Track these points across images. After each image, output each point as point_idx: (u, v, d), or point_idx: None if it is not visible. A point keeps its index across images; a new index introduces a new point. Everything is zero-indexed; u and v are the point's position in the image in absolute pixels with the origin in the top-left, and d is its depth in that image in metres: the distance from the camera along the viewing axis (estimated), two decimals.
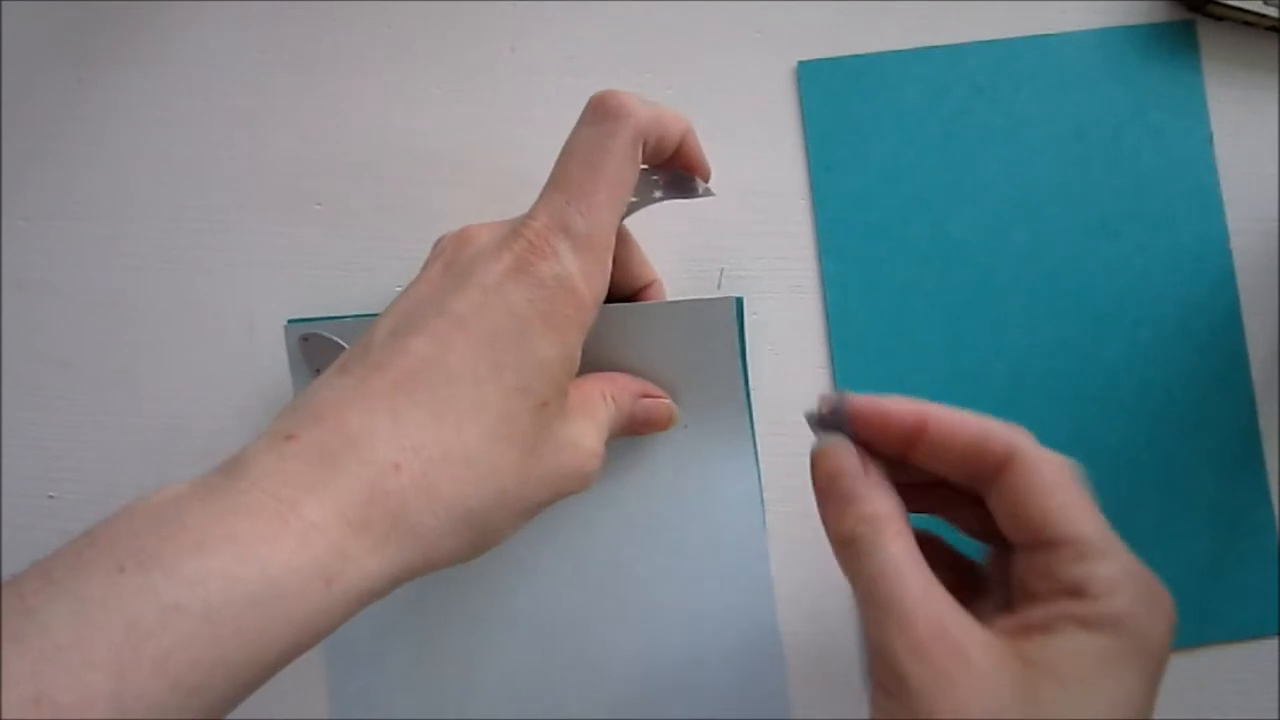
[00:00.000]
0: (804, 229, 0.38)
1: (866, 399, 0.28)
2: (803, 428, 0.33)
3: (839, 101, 0.39)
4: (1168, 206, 0.39)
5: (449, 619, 0.36)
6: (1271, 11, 0.38)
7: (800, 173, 0.39)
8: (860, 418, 0.28)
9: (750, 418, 0.36)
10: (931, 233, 0.38)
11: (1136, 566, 0.26)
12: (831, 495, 0.28)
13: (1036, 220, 0.38)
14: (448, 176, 0.38)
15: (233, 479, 0.24)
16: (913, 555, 0.27)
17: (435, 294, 0.28)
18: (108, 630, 0.21)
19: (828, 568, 0.30)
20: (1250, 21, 0.39)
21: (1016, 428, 0.28)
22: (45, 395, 0.37)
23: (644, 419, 0.34)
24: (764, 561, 0.36)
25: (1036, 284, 0.38)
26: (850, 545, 0.27)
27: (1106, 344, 0.38)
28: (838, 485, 0.28)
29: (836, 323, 0.38)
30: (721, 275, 0.38)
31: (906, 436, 0.28)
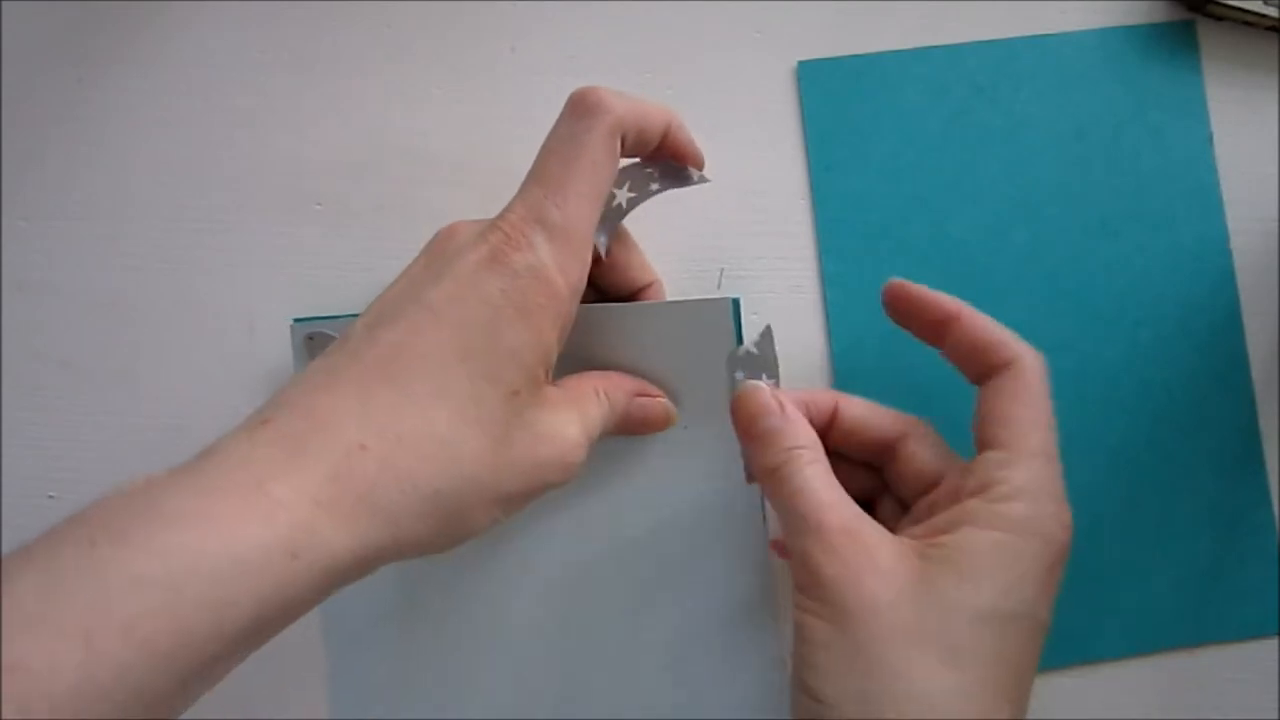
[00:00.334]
0: (804, 229, 0.38)
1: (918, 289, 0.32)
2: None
3: (839, 101, 0.39)
4: (1168, 206, 0.39)
5: (449, 619, 0.36)
6: (1271, 11, 0.38)
7: (800, 173, 0.39)
8: (911, 298, 0.32)
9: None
10: (931, 233, 0.38)
11: (1051, 480, 0.29)
12: (754, 434, 0.31)
13: (1036, 220, 0.38)
14: (448, 176, 0.38)
15: (206, 462, 0.25)
16: (826, 477, 0.30)
17: (413, 286, 0.28)
18: (76, 600, 0.21)
19: None
20: (1250, 21, 0.39)
21: (1026, 345, 0.32)
22: (45, 395, 0.37)
23: (640, 418, 0.34)
24: (764, 562, 0.36)
25: (1036, 284, 0.38)
26: (773, 475, 0.30)
27: (1106, 344, 0.38)
28: (758, 424, 0.31)
29: (836, 323, 0.38)
30: (721, 275, 0.38)
31: (944, 320, 0.31)
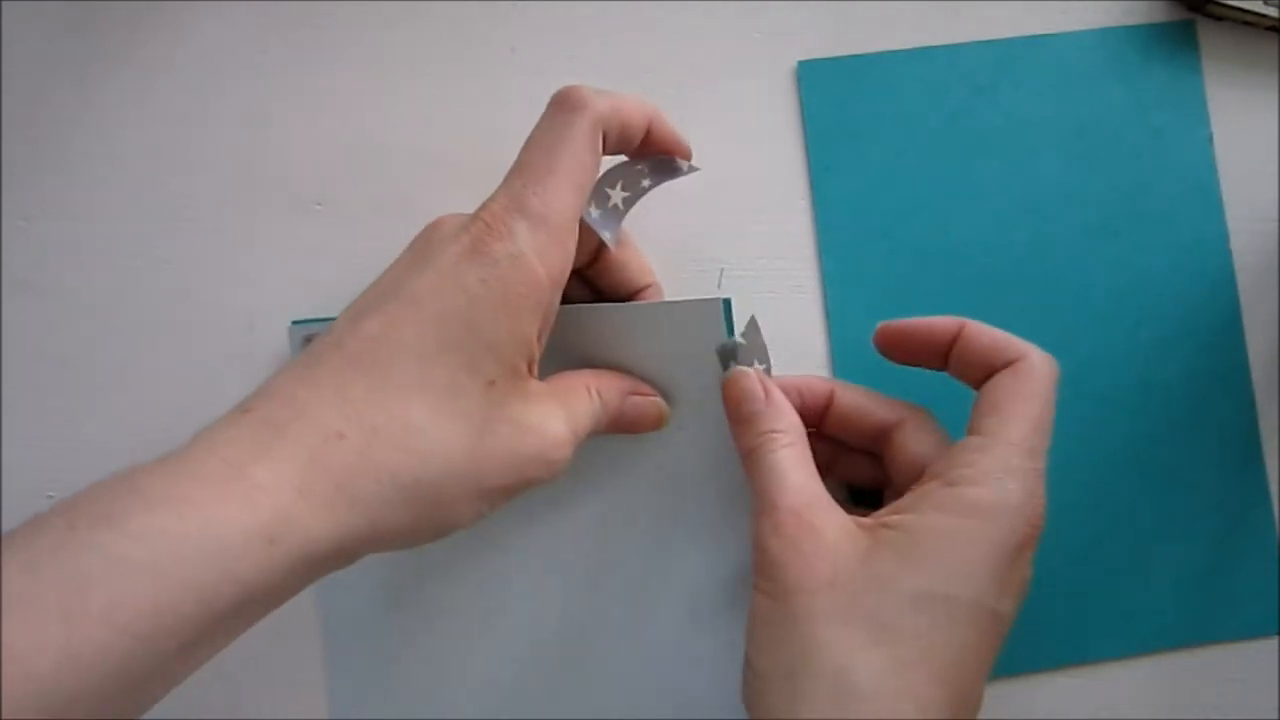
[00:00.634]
0: (804, 229, 0.38)
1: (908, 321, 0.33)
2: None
3: (839, 101, 0.39)
4: (1168, 206, 0.39)
5: (447, 619, 0.36)
6: (1271, 11, 0.38)
7: (800, 173, 0.39)
8: (889, 337, 0.34)
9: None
10: (931, 233, 0.38)
11: (1018, 469, 0.29)
12: (738, 416, 0.32)
13: (1037, 220, 0.39)
14: (448, 176, 0.38)
15: (188, 449, 0.25)
16: (796, 460, 0.31)
17: (396, 278, 0.29)
18: (56, 581, 0.22)
19: None
20: (1250, 21, 0.39)
21: (1037, 348, 0.31)
22: (45, 395, 0.37)
23: (633, 417, 0.33)
24: None
25: (1037, 284, 0.38)
26: (749, 456, 0.31)
27: (1106, 344, 0.38)
28: (742, 408, 0.32)
29: (836, 323, 0.38)
30: (721, 275, 0.38)
31: (948, 339, 0.32)
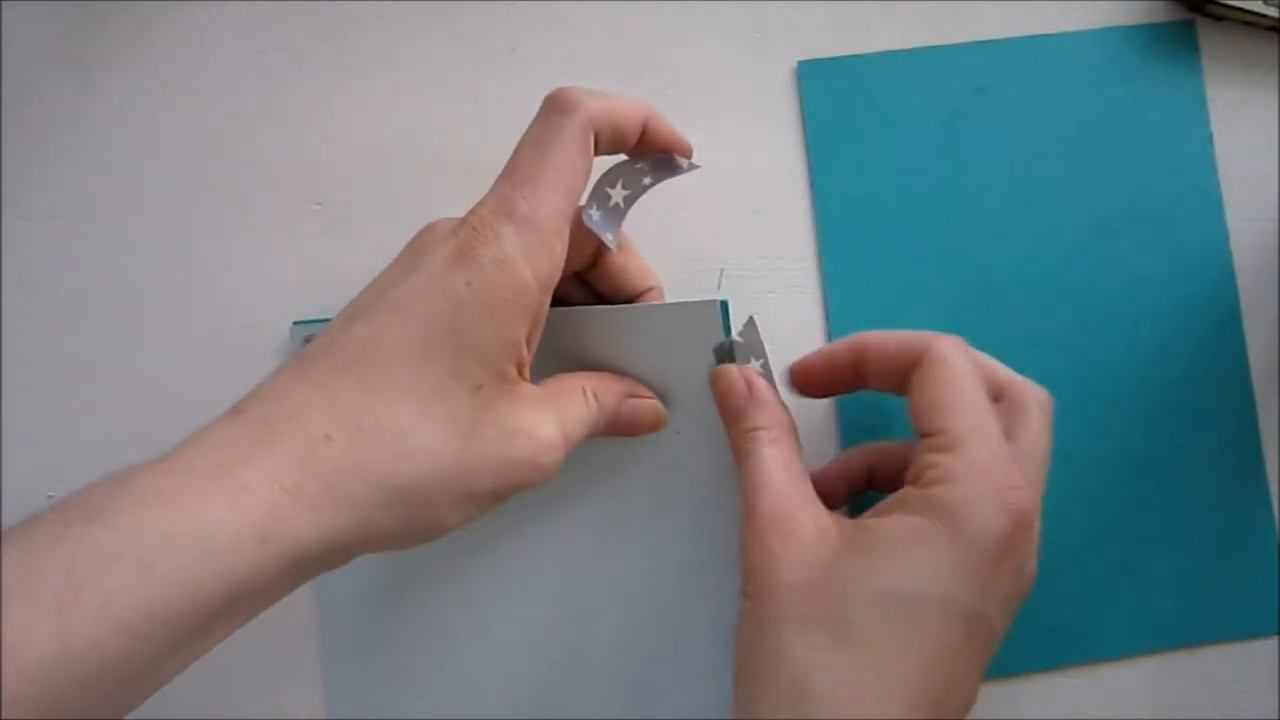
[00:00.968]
0: (804, 229, 0.38)
1: (829, 347, 0.34)
2: (800, 425, 0.33)
3: (839, 101, 0.39)
4: (1168, 206, 0.39)
5: (443, 619, 0.36)
6: (1271, 11, 0.38)
7: (800, 173, 0.39)
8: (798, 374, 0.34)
9: None
10: (931, 233, 0.38)
11: (987, 464, 0.28)
12: (724, 414, 0.33)
13: (1036, 220, 0.39)
14: (448, 177, 0.38)
15: (181, 449, 0.26)
16: (781, 459, 0.31)
17: (387, 282, 0.29)
18: (50, 575, 0.22)
19: None
20: (1250, 21, 0.39)
21: (944, 337, 0.31)
22: (45, 395, 0.37)
23: (630, 419, 0.33)
24: None
25: (1036, 284, 0.38)
26: (736, 455, 0.32)
27: (1106, 344, 0.38)
28: (727, 403, 0.33)
29: (836, 323, 0.38)
30: (721, 275, 0.38)
31: (853, 357, 0.33)
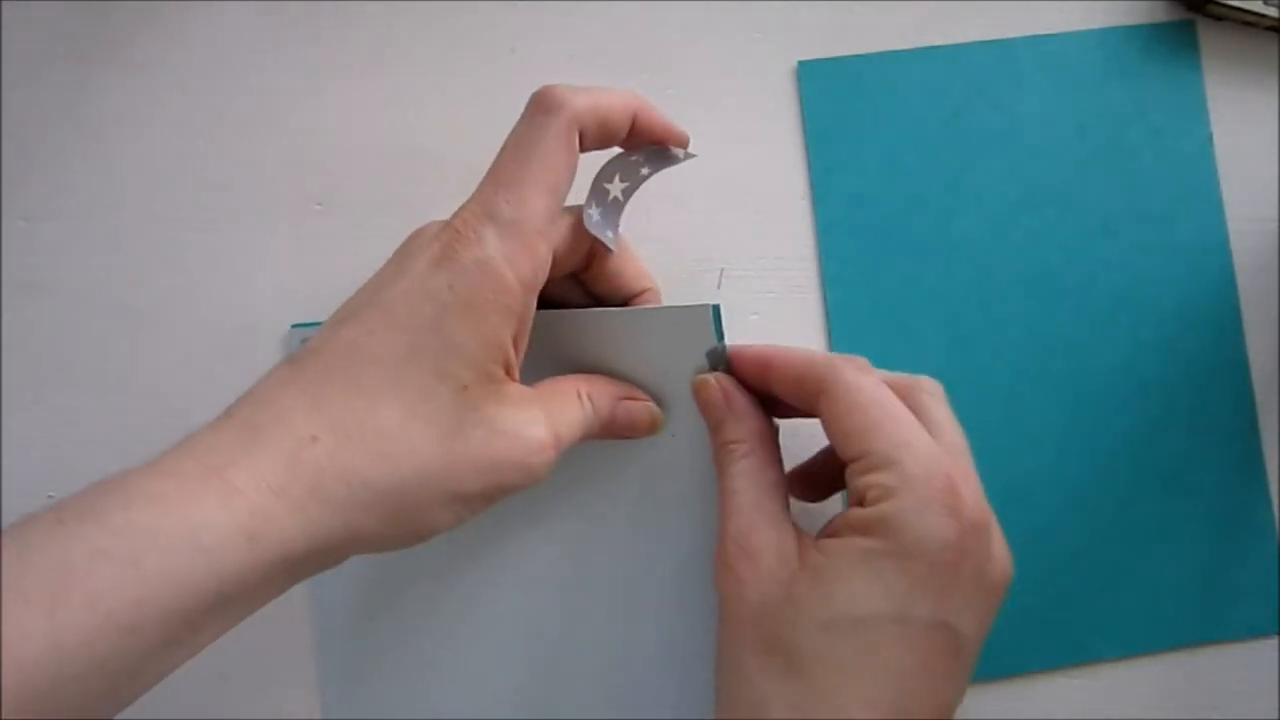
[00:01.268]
0: (804, 229, 0.38)
1: (736, 348, 0.33)
2: (800, 426, 0.33)
3: (839, 101, 0.39)
4: (1168, 206, 0.39)
5: (438, 620, 0.36)
6: (1271, 11, 0.38)
7: (800, 173, 0.39)
8: (732, 360, 0.33)
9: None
10: (931, 233, 0.38)
11: (924, 474, 0.28)
12: (707, 423, 0.33)
13: (1036, 220, 0.38)
14: (448, 177, 0.38)
15: (172, 451, 0.26)
16: (750, 474, 0.31)
17: (373, 287, 0.29)
18: (42, 572, 0.23)
19: None
20: (1250, 21, 0.39)
21: (846, 358, 0.31)
22: (45, 395, 0.37)
23: (625, 422, 0.33)
24: None
25: (1036, 284, 0.38)
26: (716, 469, 0.32)
27: (1106, 343, 0.38)
28: (707, 415, 0.33)
29: (836, 323, 0.38)
30: (721, 275, 0.38)
31: (759, 374, 0.32)
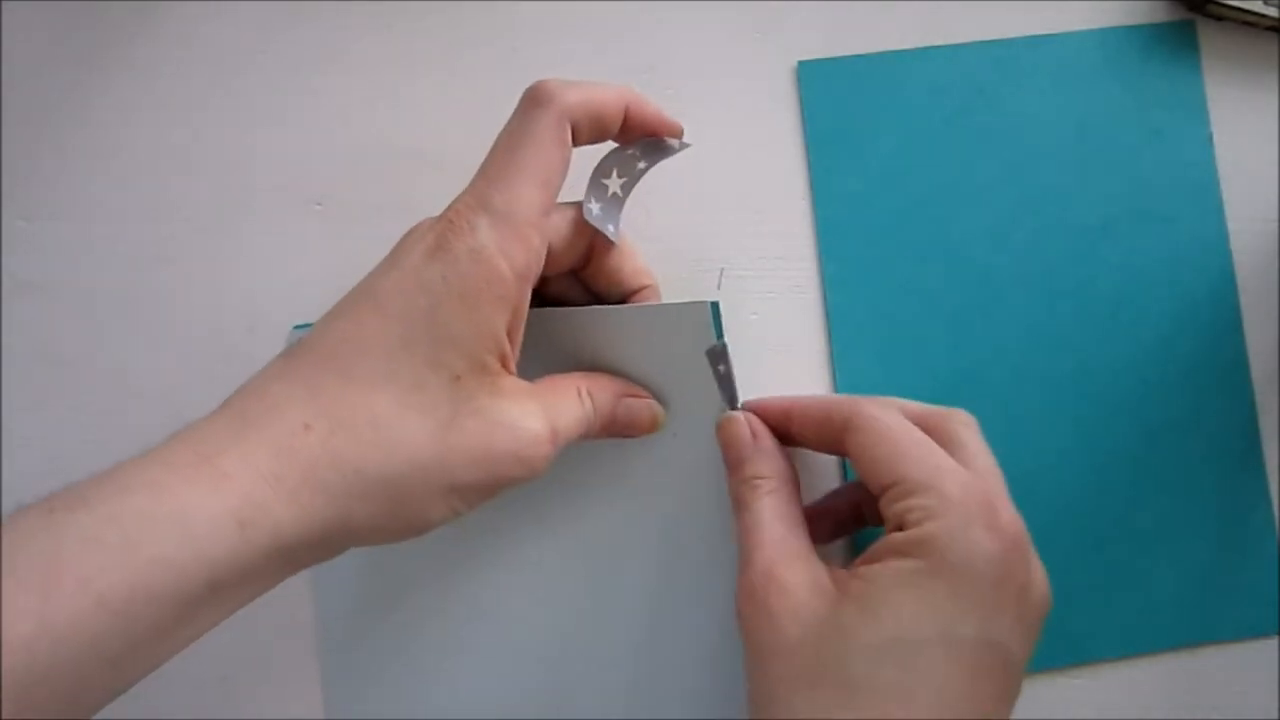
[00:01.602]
0: (804, 229, 0.38)
1: (756, 401, 0.34)
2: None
3: (839, 101, 0.39)
4: (1168, 206, 0.39)
5: (441, 620, 0.36)
6: (1271, 11, 0.38)
7: (800, 173, 0.39)
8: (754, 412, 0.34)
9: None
10: (931, 233, 0.38)
11: (961, 494, 0.28)
12: (727, 460, 0.33)
13: (1036, 220, 0.38)
14: (448, 177, 0.37)
15: (166, 442, 0.26)
16: (778, 510, 0.31)
17: (369, 281, 0.29)
18: (35, 557, 0.23)
19: None
20: (1250, 21, 0.39)
21: (871, 398, 0.31)
22: (45, 395, 0.37)
23: (626, 420, 0.33)
24: None
25: (1036, 284, 0.38)
26: (735, 504, 0.32)
27: (1106, 344, 0.38)
28: (729, 452, 0.33)
29: (836, 323, 0.38)
30: (721, 275, 0.38)
31: (781, 424, 0.33)
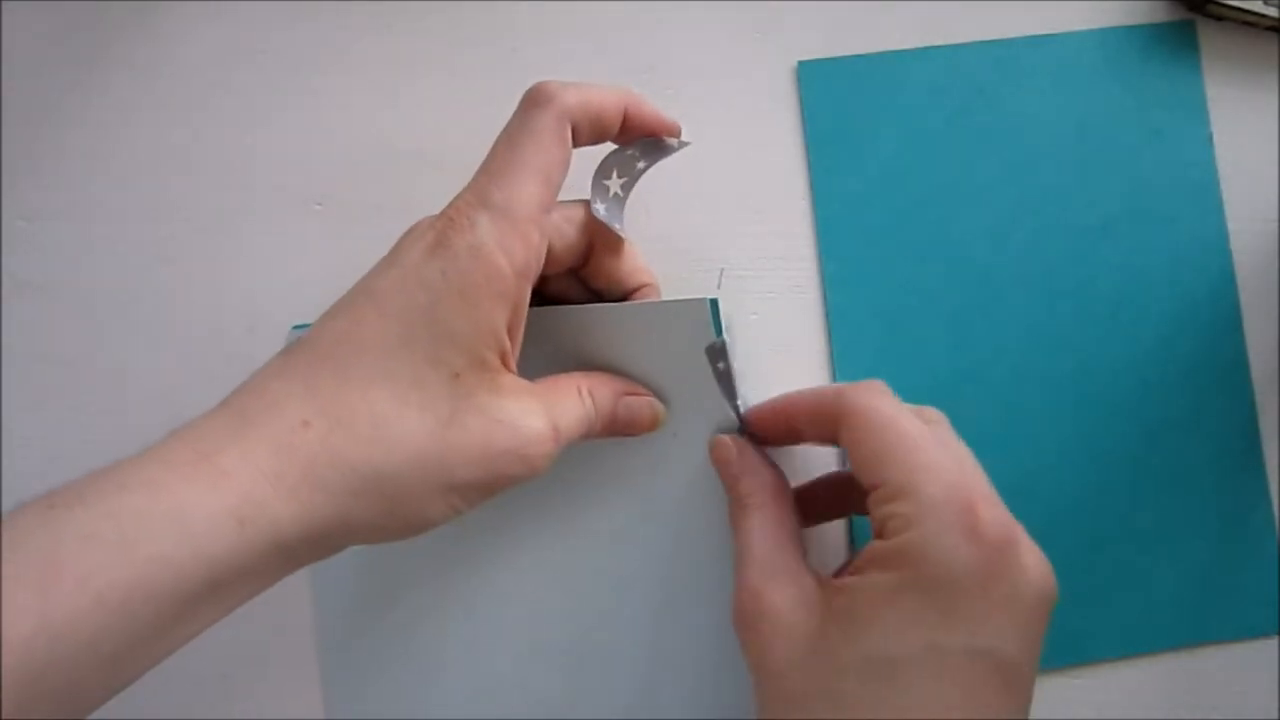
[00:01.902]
0: (804, 229, 0.38)
1: (752, 408, 0.34)
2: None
3: (839, 101, 0.39)
4: (1168, 206, 0.39)
5: (440, 619, 0.36)
6: (1271, 11, 0.38)
7: (800, 173, 0.39)
8: (753, 418, 0.34)
9: (740, 422, 0.35)
10: (931, 233, 0.38)
11: (941, 498, 0.27)
12: (722, 479, 0.34)
13: (1036, 220, 0.38)
14: (448, 177, 0.37)
15: (165, 440, 0.26)
16: (764, 527, 0.31)
17: (368, 278, 0.29)
18: (33, 554, 0.23)
19: None
20: (1250, 21, 0.39)
21: (859, 384, 0.31)
22: (45, 395, 0.37)
23: (627, 418, 0.33)
24: None
25: (1036, 284, 0.38)
26: (731, 521, 0.32)
27: (1107, 344, 0.38)
28: (722, 472, 0.33)
29: (836, 323, 0.38)
30: (721, 275, 0.38)
31: (783, 424, 0.33)
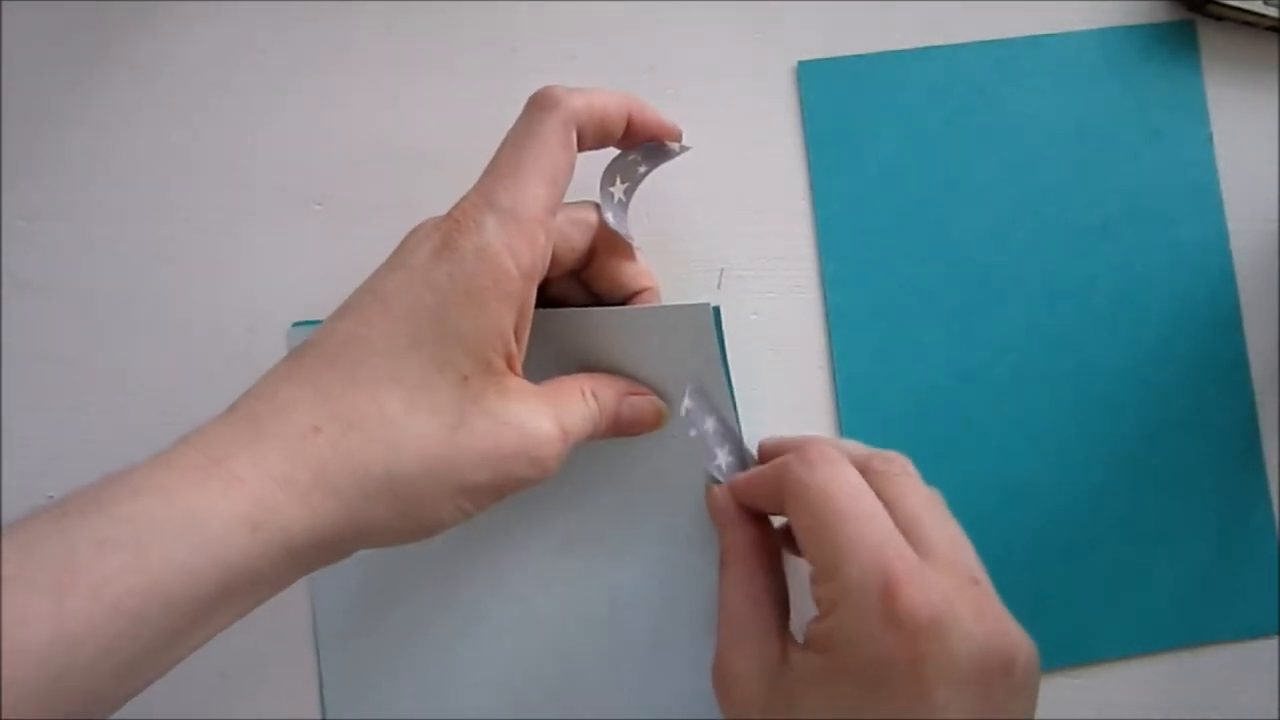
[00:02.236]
0: (804, 229, 0.38)
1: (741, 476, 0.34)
2: (800, 427, 0.33)
3: (839, 101, 0.39)
4: (1168, 206, 0.39)
5: (440, 621, 0.36)
6: (1271, 11, 0.38)
7: (800, 173, 0.39)
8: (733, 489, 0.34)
9: (738, 424, 0.35)
10: (931, 233, 0.38)
11: (860, 580, 0.27)
12: (715, 527, 0.34)
13: (1036, 220, 0.39)
14: (448, 177, 0.37)
15: (176, 445, 0.26)
16: (738, 583, 0.31)
17: (373, 280, 0.29)
18: (48, 561, 0.23)
19: None
20: (1250, 21, 0.39)
21: (805, 446, 0.30)
22: (45, 395, 0.37)
23: (630, 418, 0.33)
24: None
25: (1036, 284, 0.38)
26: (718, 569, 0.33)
27: (1107, 344, 0.38)
28: (714, 520, 0.34)
29: (836, 323, 0.38)
30: (721, 275, 0.38)
31: (751, 505, 0.33)
